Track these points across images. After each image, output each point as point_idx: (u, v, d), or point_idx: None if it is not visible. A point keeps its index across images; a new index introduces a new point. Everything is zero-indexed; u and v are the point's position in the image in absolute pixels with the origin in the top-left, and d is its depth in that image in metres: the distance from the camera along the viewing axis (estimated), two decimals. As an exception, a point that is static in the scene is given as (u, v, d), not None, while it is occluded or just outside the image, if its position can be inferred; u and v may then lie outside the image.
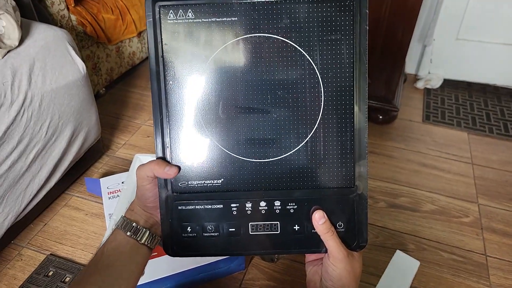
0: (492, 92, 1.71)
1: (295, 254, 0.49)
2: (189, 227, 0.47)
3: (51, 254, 0.97)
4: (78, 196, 1.14)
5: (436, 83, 1.74)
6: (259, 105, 0.45)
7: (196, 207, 0.47)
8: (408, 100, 1.65)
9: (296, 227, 0.47)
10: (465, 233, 1.04)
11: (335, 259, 0.45)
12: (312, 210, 0.47)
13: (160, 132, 0.46)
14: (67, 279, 0.90)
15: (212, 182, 0.47)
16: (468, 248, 1.00)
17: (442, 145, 1.38)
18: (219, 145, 0.46)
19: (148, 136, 1.40)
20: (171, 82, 0.46)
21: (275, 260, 0.51)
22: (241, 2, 0.44)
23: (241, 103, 0.45)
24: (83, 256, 0.96)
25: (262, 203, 0.47)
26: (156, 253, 0.87)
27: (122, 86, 1.72)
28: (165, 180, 0.47)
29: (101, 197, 1.08)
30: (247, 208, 0.47)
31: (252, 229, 0.47)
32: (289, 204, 0.47)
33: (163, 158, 0.47)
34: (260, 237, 0.47)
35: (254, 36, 0.45)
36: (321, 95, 0.45)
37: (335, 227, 0.47)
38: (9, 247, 0.98)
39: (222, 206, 0.47)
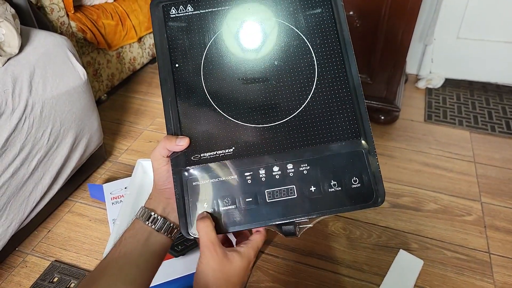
0: (494, 91, 1.71)
1: (316, 217, 0.48)
2: (205, 203, 0.47)
3: (55, 260, 0.97)
4: (81, 202, 1.14)
5: (437, 83, 1.73)
6: (259, 75, 0.50)
7: (211, 181, 0.47)
8: (409, 100, 1.65)
9: (312, 188, 0.47)
10: (468, 231, 1.03)
11: (201, 249, 0.45)
12: None
13: (170, 111, 0.49)
14: (72, 285, 0.90)
15: (223, 152, 0.48)
16: (472, 247, 0.99)
17: (444, 144, 1.38)
18: (227, 115, 0.49)
19: (150, 141, 1.41)
20: (177, 65, 0.51)
21: (297, 234, 0.50)
22: None
23: (243, 75, 0.50)
24: (88, 262, 0.96)
25: (275, 168, 0.48)
26: (159, 258, 0.87)
27: (123, 92, 1.73)
28: (178, 157, 0.48)
29: (105, 202, 1.08)
30: (261, 175, 0.47)
31: (269, 196, 0.47)
32: (302, 165, 0.48)
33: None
34: (278, 204, 0.47)
35: (246, 19, 0.52)
36: (314, 60, 0.50)
37: (351, 184, 0.47)
38: (14, 254, 0.99)
39: (236, 176, 0.47)
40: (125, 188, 1.08)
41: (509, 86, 1.72)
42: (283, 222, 0.47)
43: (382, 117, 1.46)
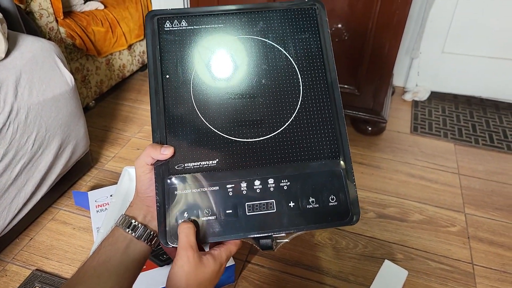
0: (478, 104, 1.75)
1: (293, 232, 0.49)
2: (185, 213, 0.47)
3: (36, 269, 0.95)
4: (65, 210, 1.12)
5: (423, 95, 1.76)
6: (247, 92, 0.52)
7: (192, 190, 0.48)
8: (396, 112, 1.67)
9: (291, 204, 0.48)
10: (452, 242, 1.05)
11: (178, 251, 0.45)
12: None
13: (157, 120, 0.50)
14: (53, 294, 0.89)
15: (207, 163, 0.49)
16: (456, 257, 1.00)
17: (430, 155, 1.40)
18: (213, 128, 0.50)
19: (138, 149, 1.40)
20: (167, 76, 0.52)
21: (274, 248, 0.50)
22: (226, 12, 0.55)
23: (231, 90, 0.52)
24: (70, 271, 0.94)
25: (257, 182, 0.49)
26: (144, 267, 0.86)
27: (112, 99, 1.72)
28: (161, 166, 0.48)
29: (89, 210, 1.07)
30: (242, 188, 0.48)
31: (248, 209, 0.48)
32: (282, 181, 0.49)
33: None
34: (257, 217, 0.48)
35: (237, 37, 0.54)
36: (299, 81, 0.53)
37: (328, 201, 0.48)
38: (-7, 262, 0.97)
39: (218, 187, 0.48)
40: (111, 196, 1.07)
41: (492, 100, 1.76)
42: (261, 235, 0.48)
43: (369, 128, 1.48)
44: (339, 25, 1.31)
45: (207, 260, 0.45)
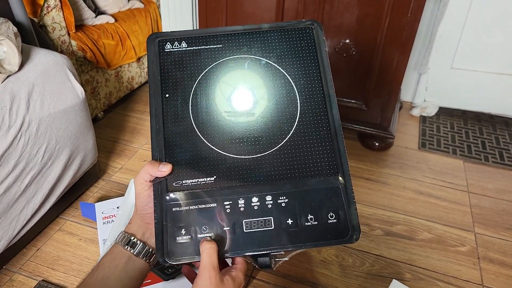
0: (487, 120, 1.73)
1: (291, 250, 0.49)
2: (183, 229, 0.47)
3: (43, 280, 0.95)
4: (72, 221, 1.13)
5: (431, 111, 1.76)
6: (245, 110, 0.53)
7: (190, 207, 0.48)
8: (404, 127, 1.67)
9: (289, 221, 0.48)
10: (462, 262, 1.03)
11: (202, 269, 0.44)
12: None
13: (156, 138, 0.51)
14: (58, 307, 0.88)
15: (205, 180, 0.49)
16: (465, 278, 0.98)
17: (438, 172, 1.38)
18: (211, 145, 0.51)
19: (145, 160, 1.40)
20: (167, 95, 0.53)
21: (273, 266, 0.50)
22: (225, 33, 0.56)
23: (229, 108, 0.53)
24: (76, 283, 0.94)
25: (254, 199, 0.49)
26: (150, 280, 0.86)
27: (120, 110, 1.73)
28: (160, 183, 0.49)
29: (96, 222, 1.07)
30: (240, 205, 0.48)
31: (246, 226, 0.48)
32: (280, 198, 0.49)
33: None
34: (255, 235, 0.47)
35: (235, 57, 0.55)
36: (297, 99, 0.54)
37: (327, 219, 0.48)
38: (1, 273, 0.97)
39: (215, 204, 0.48)
40: (117, 207, 1.07)
41: (502, 117, 1.74)
42: (258, 253, 0.47)
43: (377, 144, 1.47)
44: (347, 40, 1.31)
45: (228, 281, 0.45)
